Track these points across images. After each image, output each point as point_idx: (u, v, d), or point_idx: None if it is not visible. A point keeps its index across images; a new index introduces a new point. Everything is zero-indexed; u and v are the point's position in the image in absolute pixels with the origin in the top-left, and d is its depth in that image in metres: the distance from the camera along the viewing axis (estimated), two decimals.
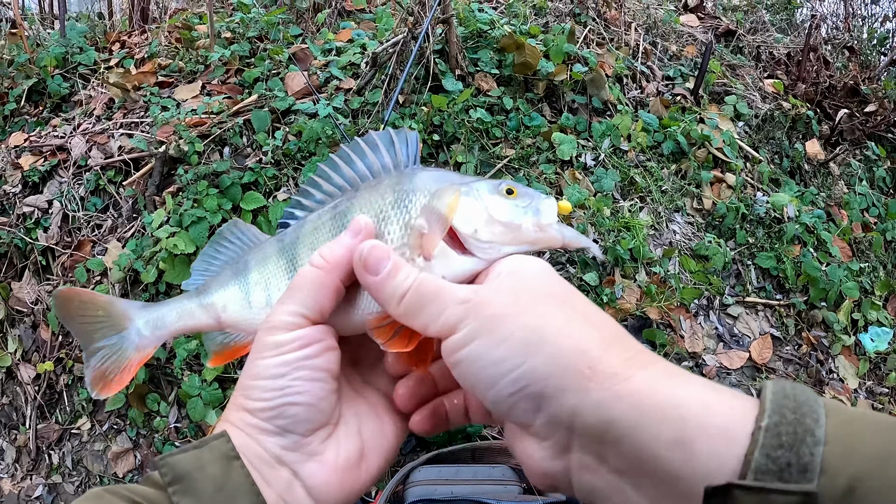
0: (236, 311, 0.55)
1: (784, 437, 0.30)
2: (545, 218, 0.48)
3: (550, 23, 2.40)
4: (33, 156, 2.46)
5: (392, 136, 0.52)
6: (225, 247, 0.59)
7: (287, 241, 0.54)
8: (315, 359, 0.43)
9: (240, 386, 0.44)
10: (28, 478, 2.21)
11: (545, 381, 0.36)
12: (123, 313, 0.56)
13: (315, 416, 0.43)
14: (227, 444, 0.41)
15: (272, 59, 2.34)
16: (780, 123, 2.44)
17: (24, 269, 2.31)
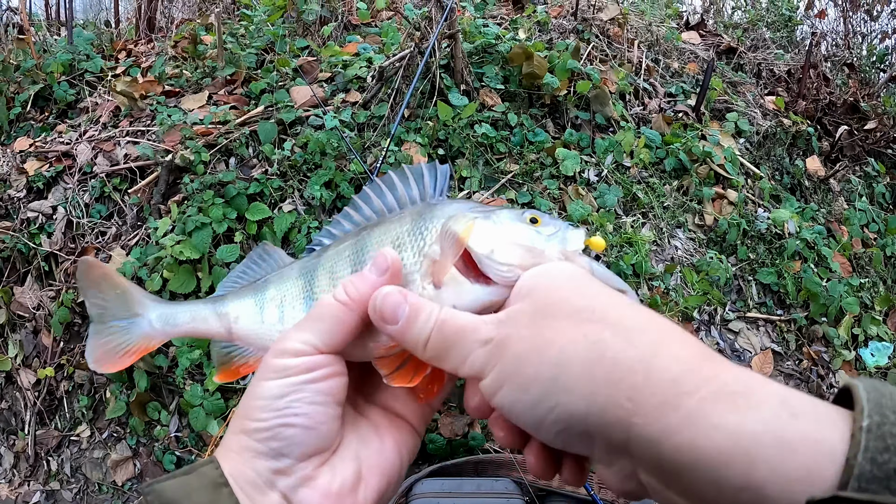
0: (248, 324, 0.56)
1: (889, 439, 0.26)
2: (571, 245, 0.46)
3: (554, 39, 2.43)
4: (38, 161, 2.47)
5: (423, 169, 0.53)
6: (252, 267, 0.60)
7: (308, 265, 0.55)
8: (318, 383, 0.42)
9: (241, 407, 0.43)
10: (26, 483, 2.20)
11: (587, 419, 0.33)
12: (140, 301, 0.58)
13: (312, 440, 0.42)
14: (215, 471, 0.40)
15: (279, 70, 2.36)
16: (780, 140, 2.47)
17: (26, 274, 2.31)
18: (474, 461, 1.66)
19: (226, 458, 0.42)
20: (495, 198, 2.04)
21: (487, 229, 0.47)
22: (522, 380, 0.35)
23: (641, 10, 2.70)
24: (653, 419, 0.31)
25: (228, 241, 2.03)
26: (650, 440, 0.31)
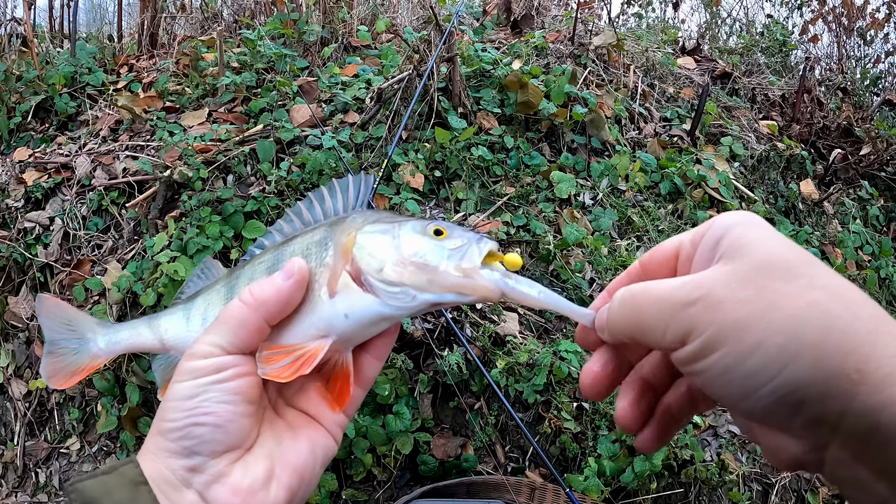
0: (175, 332, 0.61)
1: None
2: (466, 262, 0.44)
3: (551, 64, 2.46)
4: (37, 172, 2.48)
5: (349, 181, 0.56)
6: (195, 280, 0.66)
7: (233, 275, 0.59)
8: (226, 382, 0.44)
9: (159, 409, 0.45)
10: (13, 495, 2.18)
11: (807, 389, 0.32)
12: (88, 325, 0.66)
13: (222, 437, 0.43)
14: (134, 470, 0.42)
15: (278, 90, 2.39)
16: (774, 164, 2.49)
17: (21, 284, 2.31)
18: (467, 483, 1.66)
19: (145, 458, 0.43)
20: (491, 220, 2.05)
21: (379, 244, 0.47)
22: (744, 346, 0.33)
23: (638, 35, 2.75)
24: (878, 390, 0.31)
25: (224, 260, 2.04)
26: (871, 410, 0.31)
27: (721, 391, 0.35)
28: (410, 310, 0.46)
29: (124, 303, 2.08)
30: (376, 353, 0.53)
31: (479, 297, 0.44)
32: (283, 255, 0.54)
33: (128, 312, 2.08)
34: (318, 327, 0.48)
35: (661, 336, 0.36)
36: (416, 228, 0.48)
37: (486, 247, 0.45)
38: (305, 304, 0.49)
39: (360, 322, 0.48)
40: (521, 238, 2.01)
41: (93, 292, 2.15)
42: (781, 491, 1.96)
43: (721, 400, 0.36)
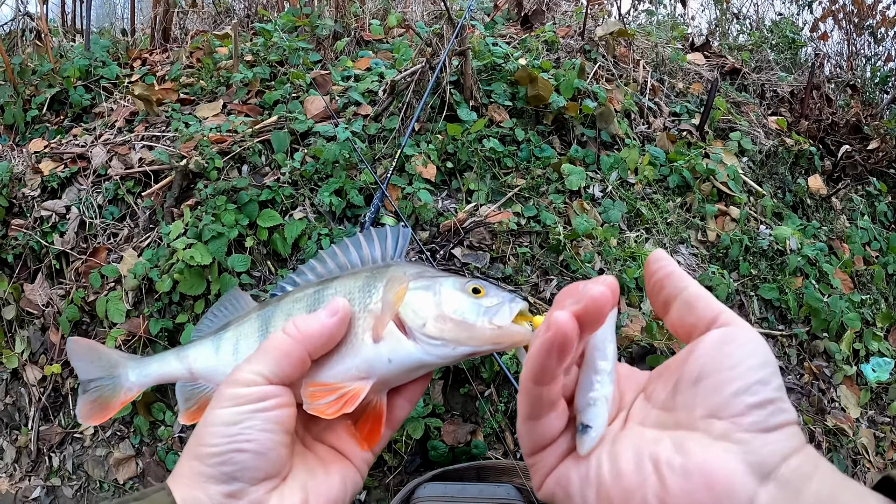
0: (205, 362, 0.63)
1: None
2: (499, 319, 0.47)
3: (562, 58, 2.49)
4: (53, 162, 2.51)
5: (387, 231, 0.58)
6: (221, 310, 0.68)
7: (267, 309, 0.60)
8: (268, 412, 0.44)
9: (194, 434, 0.44)
10: (27, 479, 2.21)
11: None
12: (118, 361, 0.67)
13: (262, 464, 0.43)
14: (167, 498, 0.41)
15: (292, 83, 2.42)
16: (783, 159, 2.51)
17: (37, 272, 2.34)
18: (476, 466, 1.68)
19: (178, 484, 0.43)
20: (501, 210, 2.07)
21: (422, 301, 0.50)
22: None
23: (648, 31, 2.77)
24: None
25: (239, 247, 2.07)
26: None
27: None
28: (450, 359, 0.49)
29: (140, 289, 2.11)
30: (409, 396, 0.54)
31: (512, 345, 0.48)
32: (324, 295, 0.55)
33: (143, 299, 2.11)
34: (359, 368, 0.50)
35: None
36: (456, 286, 0.51)
37: (517, 307, 0.49)
38: (345, 345, 0.51)
39: (401, 367, 0.50)
40: (532, 229, 2.04)
41: (109, 279, 2.18)
42: None
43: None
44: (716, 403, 0.34)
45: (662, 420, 0.37)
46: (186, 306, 2.07)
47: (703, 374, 0.35)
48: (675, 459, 0.33)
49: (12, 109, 2.81)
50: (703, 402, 0.34)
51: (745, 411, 0.33)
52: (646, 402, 0.39)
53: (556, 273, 2.00)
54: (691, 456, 0.33)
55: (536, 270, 2.01)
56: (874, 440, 2.13)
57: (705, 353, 0.35)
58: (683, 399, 0.35)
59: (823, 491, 0.31)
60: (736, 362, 0.34)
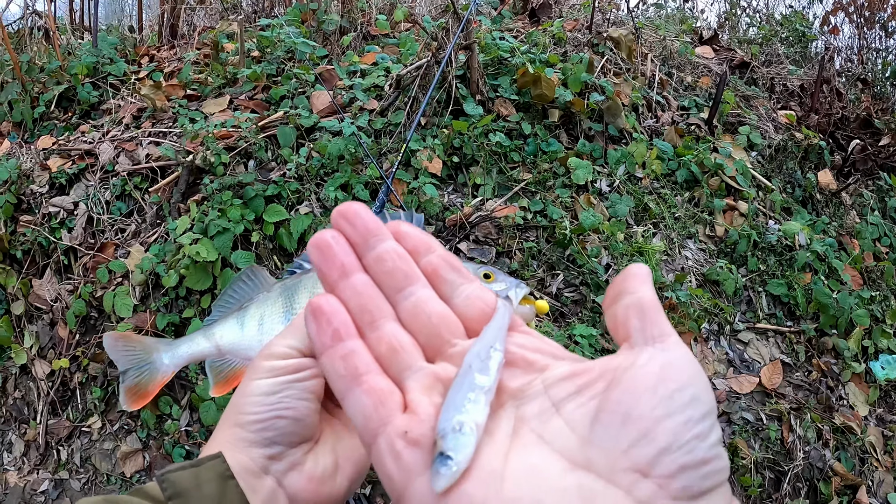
0: (231, 338, 0.68)
1: None
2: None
3: (569, 52, 2.48)
4: (61, 158, 2.52)
5: (401, 216, 0.62)
6: (240, 287, 0.73)
7: (289, 285, 0.65)
8: (303, 382, 0.46)
9: (232, 405, 0.47)
10: (35, 472, 2.22)
11: None
12: (152, 347, 0.74)
13: (299, 429, 0.46)
14: (222, 465, 0.44)
15: (298, 78, 2.42)
16: (792, 153, 2.49)
17: (45, 268, 2.36)
18: None
19: (223, 449, 0.45)
20: (508, 205, 2.07)
21: None
22: None
23: (656, 25, 2.75)
24: None
25: (245, 242, 2.07)
26: None
27: None
28: None
29: (147, 284, 2.12)
30: None
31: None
32: None
33: (150, 294, 2.12)
34: None
35: None
36: (470, 270, 0.55)
37: (523, 291, 0.55)
38: None
39: None
40: (538, 223, 2.03)
41: (116, 274, 2.19)
42: (794, 479, 1.96)
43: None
44: (644, 456, 0.28)
45: (571, 449, 0.30)
46: (193, 301, 2.08)
47: (634, 414, 0.29)
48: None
49: (20, 107, 2.82)
50: (629, 450, 0.28)
51: (676, 473, 0.28)
52: (552, 409, 0.32)
53: (563, 268, 1.99)
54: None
55: (542, 265, 2.00)
56: (882, 439, 2.11)
57: (639, 387, 0.29)
58: (605, 435, 0.29)
59: None
60: (675, 409, 0.28)
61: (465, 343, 0.36)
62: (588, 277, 1.98)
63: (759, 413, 2.01)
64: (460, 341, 0.36)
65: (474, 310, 0.37)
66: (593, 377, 0.32)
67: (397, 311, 0.37)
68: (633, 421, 0.29)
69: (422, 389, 0.34)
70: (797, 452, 1.98)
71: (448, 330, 0.36)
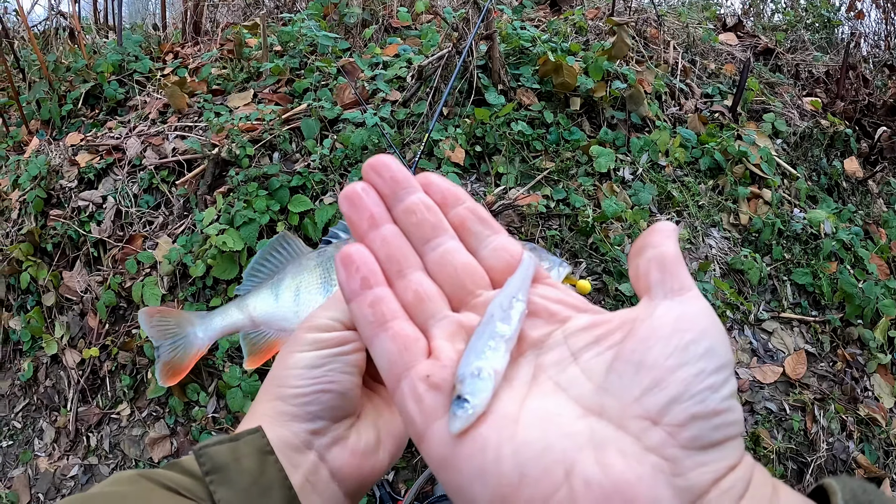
0: (265, 309, 0.67)
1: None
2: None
3: (591, 41, 2.47)
4: (90, 154, 2.58)
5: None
6: (273, 255, 0.71)
7: (326, 256, 0.64)
8: (347, 356, 0.45)
9: (272, 377, 0.46)
10: (65, 458, 2.27)
11: None
12: (186, 320, 0.73)
13: (343, 404, 0.45)
14: (261, 440, 0.43)
15: (321, 71, 2.45)
16: (818, 141, 2.46)
17: (75, 260, 2.41)
18: None
19: (264, 423, 0.44)
20: (530, 193, 2.07)
21: None
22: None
23: (679, 12, 2.74)
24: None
25: (271, 232, 2.10)
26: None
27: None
28: None
29: (174, 274, 2.15)
30: None
31: None
32: None
33: (178, 283, 2.16)
34: None
35: None
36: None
37: (566, 270, 0.56)
38: None
39: None
40: (561, 212, 2.03)
41: (144, 265, 2.23)
42: (816, 470, 1.94)
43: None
44: (655, 404, 0.29)
45: (585, 396, 0.31)
46: (220, 290, 2.11)
47: (648, 363, 0.29)
48: (593, 475, 0.28)
49: (48, 105, 2.88)
50: (642, 398, 0.29)
51: (687, 422, 0.28)
52: (570, 358, 0.33)
53: (586, 256, 1.99)
54: (612, 472, 0.28)
55: (566, 253, 2.00)
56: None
57: (655, 337, 0.30)
58: (619, 383, 0.30)
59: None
60: (687, 359, 0.29)
61: (489, 293, 0.37)
62: (611, 265, 1.97)
63: (782, 403, 2.00)
64: (485, 292, 0.37)
65: (500, 261, 0.38)
66: (612, 328, 0.32)
67: (424, 262, 0.38)
68: (646, 370, 0.29)
69: (445, 337, 0.35)
70: (820, 444, 1.96)
71: (473, 281, 0.37)
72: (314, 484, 0.44)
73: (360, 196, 0.38)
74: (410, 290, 0.37)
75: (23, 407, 2.45)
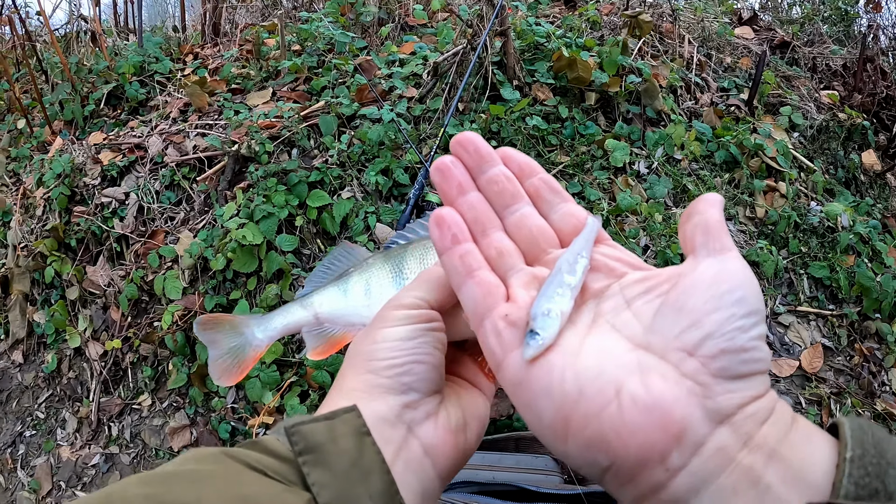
0: (333, 305, 0.68)
1: (869, 467, 0.30)
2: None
3: (605, 35, 2.49)
4: (112, 152, 2.63)
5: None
6: (336, 261, 0.72)
7: (393, 254, 0.66)
8: (435, 332, 0.46)
9: (359, 352, 0.46)
10: (87, 447, 2.31)
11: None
12: (242, 322, 0.72)
13: (435, 377, 0.45)
14: (358, 419, 0.41)
15: (338, 69, 2.48)
16: (835, 134, 2.45)
17: (98, 255, 2.46)
18: (515, 437, 1.69)
19: (355, 398, 0.43)
20: None
21: None
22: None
23: (695, 6, 2.74)
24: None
25: (290, 226, 2.14)
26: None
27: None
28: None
29: (195, 268, 2.20)
30: None
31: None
32: None
33: (198, 276, 2.20)
34: None
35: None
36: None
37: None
38: None
39: None
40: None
41: (166, 259, 2.28)
42: None
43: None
44: (692, 340, 0.34)
45: (635, 335, 0.36)
46: (240, 283, 2.15)
47: (688, 308, 0.35)
48: (638, 393, 0.33)
49: (71, 106, 2.94)
50: (681, 335, 0.34)
51: (717, 355, 0.33)
52: (625, 305, 0.38)
53: None
54: (654, 391, 0.33)
55: None
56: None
57: (695, 287, 0.35)
58: (663, 324, 0.36)
59: (773, 434, 0.32)
60: (721, 305, 0.34)
61: (558, 251, 0.43)
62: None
63: (798, 397, 1.99)
64: (554, 250, 0.43)
65: (568, 225, 0.44)
66: (661, 281, 0.38)
67: (504, 224, 0.45)
68: (686, 313, 0.35)
69: (521, 285, 0.41)
70: None
71: (545, 240, 0.44)
72: (407, 462, 0.42)
73: (450, 167, 0.44)
74: (493, 246, 0.43)
75: (46, 398, 2.50)
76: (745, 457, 0.32)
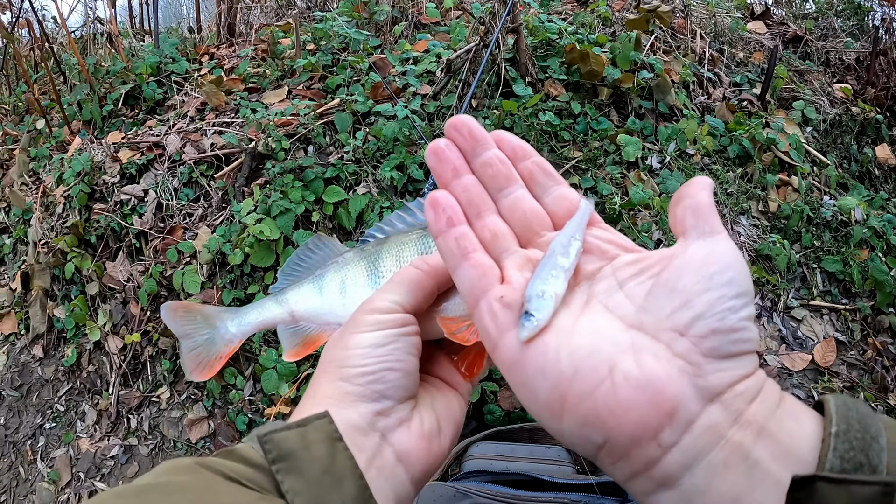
0: (308, 303, 0.65)
1: (854, 441, 0.31)
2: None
3: (617, 32, 2.50)
4: (131, 151, 2.68)
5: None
6: (309, 255, 0.69)
7: (369, 251, 0.63)
8: (409, 337, 0.46)
9: (332, 358, 0.46)
10: (106, 439, 2.35)
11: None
12: (215, 315, 0.69)
13: (408, 384, 0.45)
14: (330, 426, 0.41)
15: (353, 67, 2.52)
16: (848, 128, 2.44)
17: (118, 251, 2.50)
18: (529, 428, 1.70)
19: (326, 405, 0.43)
20: None
21: None
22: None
23: (707, 1, 2.75)
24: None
25: (306, 221, 2.17)
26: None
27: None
28: None
29: (213, 263, 2.23)
30: None
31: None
32: (430, 240, 0.60)
33: (217, 271, 2.24)
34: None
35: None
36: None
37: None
38: None
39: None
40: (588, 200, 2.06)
41: (185, 254, 2.32)
42: None
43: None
44: (683, 320, 0.35)
45: (628, 315, 0.37)
46: (257, 277, 2.18)
47: (679, 288, 0.35)
48: (631, 371, 0.34)
49: (89, 106, 2.99)
50: (672, 315, 0.35)
51: (708, 335, 0.34)
52: (617, 286, 0.39)
53: None
54: (646, 370, 0.34)
55: None
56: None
57: (686, 268, 0.36)
58: (655, 304, 0.36)
59: (762, 411, 0.33)
60: (712, 285, 0.35)
61: (551, 234, 0.44)
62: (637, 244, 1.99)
63: (811, 391, 1.99)
64: (548, 232, 0.44)
65: (561, 208, 0.45)
66: (652, 262, 0.39)
67: (498, 207, 0.45)
68: (677, 293, 0.35)
69: (515, 267, 0.42)
70: None
71: (538, 223, 0.44)
72: (380, 469, 0.42)
73: (444, 150, 0.45)
74: (487, 229, 0.44)
75: (66, 391, 2.55)
76: (734, 433, 0.33)
